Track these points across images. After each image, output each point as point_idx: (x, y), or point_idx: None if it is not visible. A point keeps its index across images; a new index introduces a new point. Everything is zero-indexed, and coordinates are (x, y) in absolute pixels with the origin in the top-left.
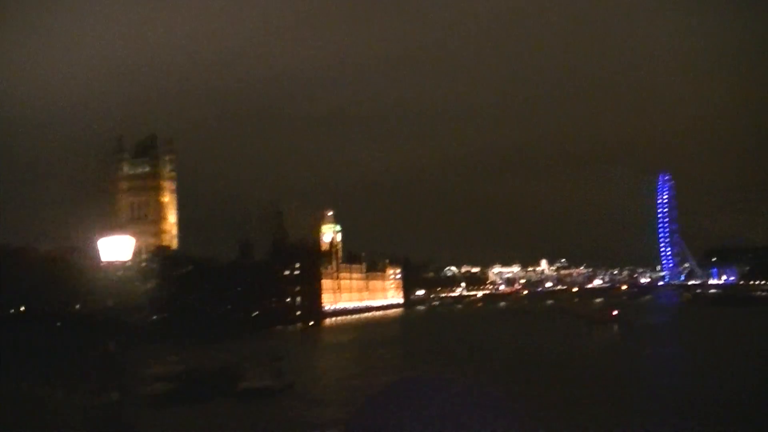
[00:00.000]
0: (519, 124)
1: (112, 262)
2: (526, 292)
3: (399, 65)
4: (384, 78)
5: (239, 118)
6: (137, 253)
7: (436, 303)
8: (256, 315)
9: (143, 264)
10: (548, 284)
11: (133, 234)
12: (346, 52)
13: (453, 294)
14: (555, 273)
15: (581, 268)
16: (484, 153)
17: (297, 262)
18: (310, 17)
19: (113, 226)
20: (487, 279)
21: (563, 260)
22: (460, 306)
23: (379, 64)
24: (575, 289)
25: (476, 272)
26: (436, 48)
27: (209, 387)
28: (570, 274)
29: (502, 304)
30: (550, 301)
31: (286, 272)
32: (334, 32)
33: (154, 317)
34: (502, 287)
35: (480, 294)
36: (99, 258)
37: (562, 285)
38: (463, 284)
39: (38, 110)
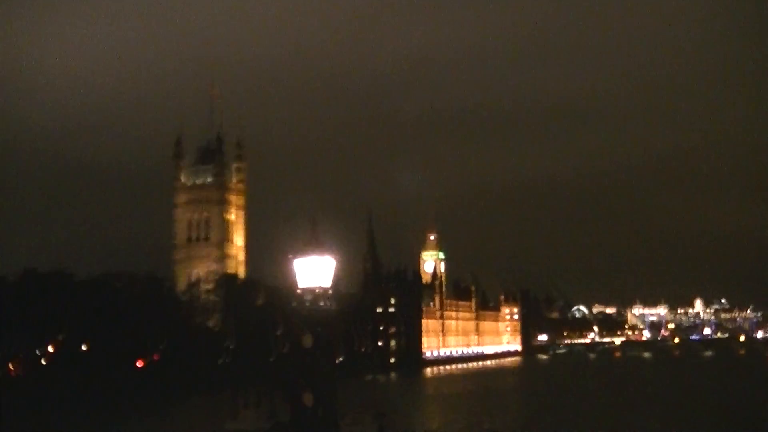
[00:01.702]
0: (678, 125)
1: (311, 290)
2: (677, 340)
3: (511, 55)
4: (496, 69)
5: (322, 121)
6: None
7: (562, 351)
8: (341, 361)
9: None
10: (706, 331)
11: (191, 259)
12: (445, 43)
13: (583, 340)
14: (713, 317)
15: (748, 311)
16: (629, 162)
17: (393, 297)
18: (397, 12)
19: (167, 247)
20: (625, 322)
21: (723, 301)
22: (593, 355)
23: (486, 55)
24: (742, 338)
25: (612, 313)
26: (558, 37)
27: None
28: (733, 319)
29: (647, 354)
30: (708, 353)
31: (379, 309)
32: (427, 24)
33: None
34: (645, 333)
35: (618, 341)
36: (294, 285)
37: (723, 332)
38: (595, 328)
39: (96, 112)
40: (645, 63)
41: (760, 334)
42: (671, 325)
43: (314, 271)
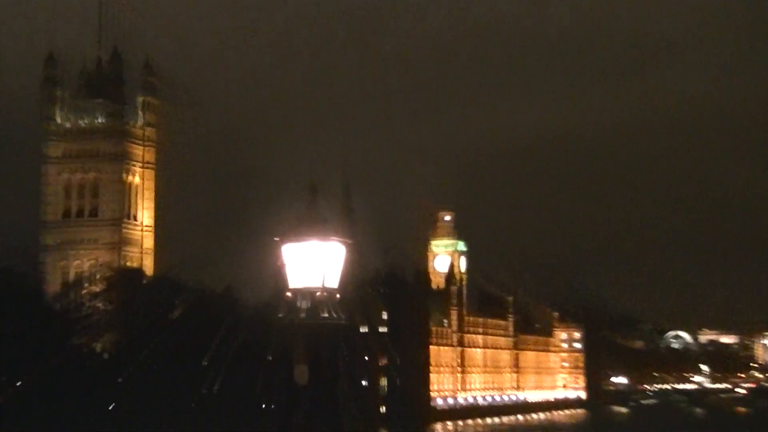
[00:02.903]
0: None
1: (309, 292)
2: None
3: None
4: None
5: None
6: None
7: (651, 401)
8: (301, 406)
9: None
10: None
11: (70, 246)
12: None
13: (685, 386)
14: None
15: None
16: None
17: (383, 311)
18: None
19: (32, 226)
20: (752, 358)
21: None
22: (699, 410)
23: None
24: None
25: (731, 344)
26: None
27: None
28: None
29: None
30: None
31: (362, 329)
32: None
33: None
34: None
35: (742, 388)
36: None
37: None
38: (704, 368)
39: None
40: None
41: None
42: None
43: (315, 264)
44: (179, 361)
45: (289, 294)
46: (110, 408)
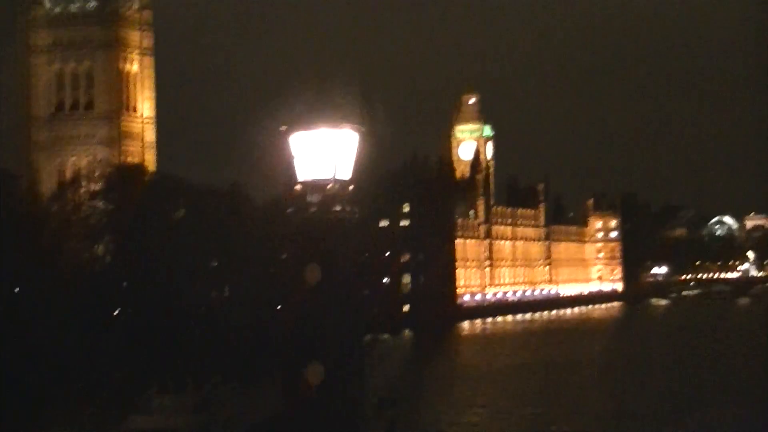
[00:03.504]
0: None
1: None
2: None
3: None
4: None
5: None
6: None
7: (693, 292)
8: (315, 310)
9: None
10: None
11: (63, 143)
12: None
13: (728, 275)
14: None
15: None
16: None
17: (406, 202)
18: None
19: (19, 122)
20: None
21: None
22: (745, 300)
23: None
24: None
25: None
26: None
27: None
28: None
29: None
30: None
31: (383, 223)
32: None
33: None
34: None
35: None
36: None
37: None
38: (751, 255)
39: None
40: None
41: None
42: None
43: (324, 154)
44: (186, 263)
45: (298, 187)
46: (115, 314)
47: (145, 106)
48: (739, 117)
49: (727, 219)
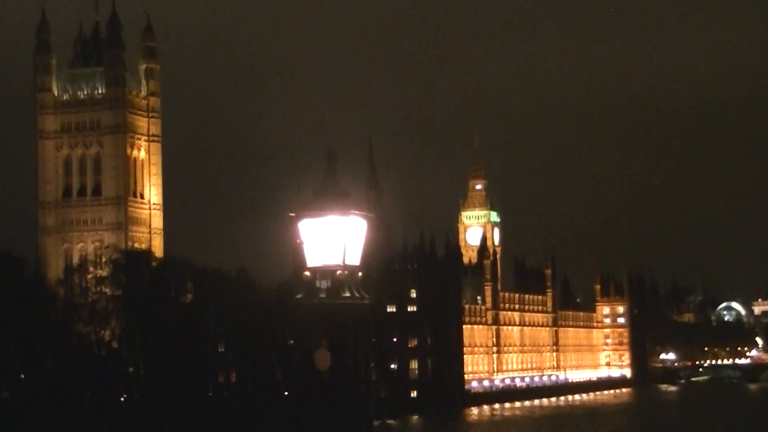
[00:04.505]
0: None
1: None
2: None
3: None
4: None
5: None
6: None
7: (702, 378)
8: (324, 394)
9: None
10: None
11: (71, 227)
12: None
13: (740, 361)
14: None
15: None
16: None
17: (413, 288)
18: None
19: (29, 207)
20: None
21: None
22: (756, 387)
23: None
24: None
25: None
26: None
27: None
28: None
29: None
30: None
31: (391, 309)
32: None
33: None
34: None
35: None
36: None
37: None
38: (760, 341)
39: None
40: None
41: None
42: None
43: (333, 240)
44: (193, 348)
45: (307, 273)
46: (121, 399)
47: (152, 192)
48: (749, 201)
49: (735, 305)
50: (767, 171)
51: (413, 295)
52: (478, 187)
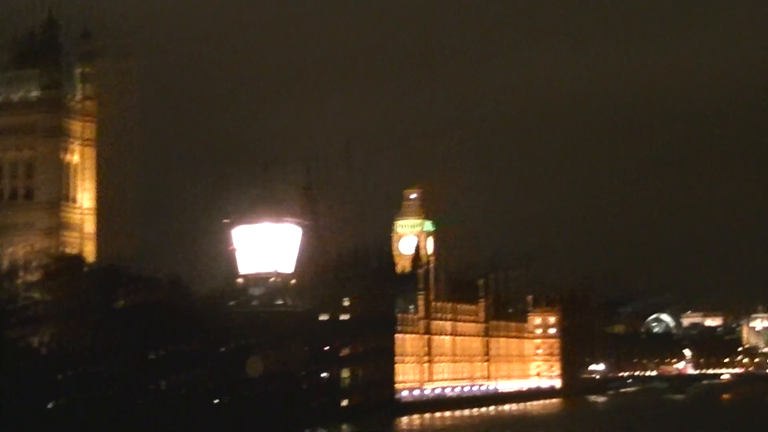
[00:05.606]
0: None
1: (262, 278)
2: None
3: None
4: None
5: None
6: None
7: (631, 389)
8: (256, 402)
9: None
10: None
11: (5, 232)
12: None
13: (668, 371)
14: None
15: None
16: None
17: (345, 297)
18: None
19: None
20: (738, 342)
21: None
22: (681, 396)
23: None
24: None
25: (716, 327)
26: None
27: None
28: None
29: None
30: None
31: (323, 317)
32: None
33: None
34: None
35: (727, 373)
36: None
37: None
38: (687, 353)
39: None
40: None
41: None
42: None
43: (268, 248)
44: (124, 356)
45: (240, 280)
46: (48, 407)
47: (85, 197)
48: (678, 215)
49: (665, 317)
50: (694, 184)
51: (346, 303)
52: (413, 196)
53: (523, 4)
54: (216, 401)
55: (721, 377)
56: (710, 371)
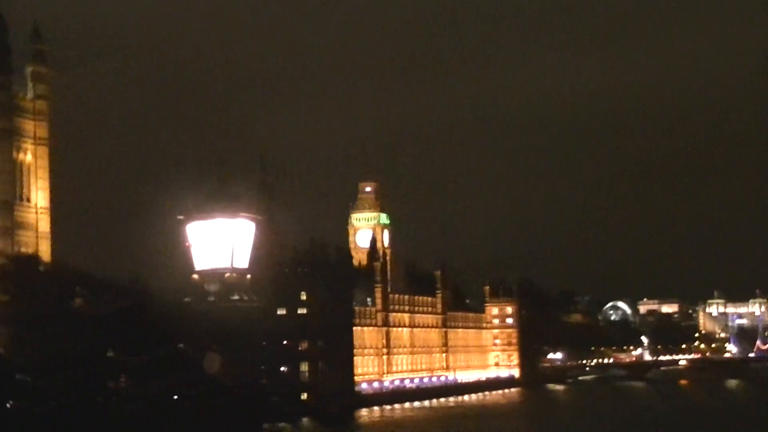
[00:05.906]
0: None
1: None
2: None
3: None
4: None
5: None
6: None
7: (589, 377)
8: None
9: None
10: None
11: None
12: None
13: (624, 359)
14: None
15: None
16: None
17: (303, 291)
18: None
19: None
20: (695, 328)
21: None
22: (641, 384)
23: None
24: None
25: (673, 314)
26: None
27: None
28: None
29: (734, 382)
30: None
31: (281, 311)
32: None
33: None
34: (731, 347)
35: (684, 359)
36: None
37: None
38: (645, 340)
39: None
40: None
41: None
42: None
43: (222, 244)
44: (82, 354)
45: (195, 276)
46: (6, 406)
47: (39, 196)
48: (632, 206)
49: (621, 304)
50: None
51: (303, 297)
52: (368, 189)
53: (524, 10)
54: (175, 397)
55: (679, 363)
56: (667, 357)
